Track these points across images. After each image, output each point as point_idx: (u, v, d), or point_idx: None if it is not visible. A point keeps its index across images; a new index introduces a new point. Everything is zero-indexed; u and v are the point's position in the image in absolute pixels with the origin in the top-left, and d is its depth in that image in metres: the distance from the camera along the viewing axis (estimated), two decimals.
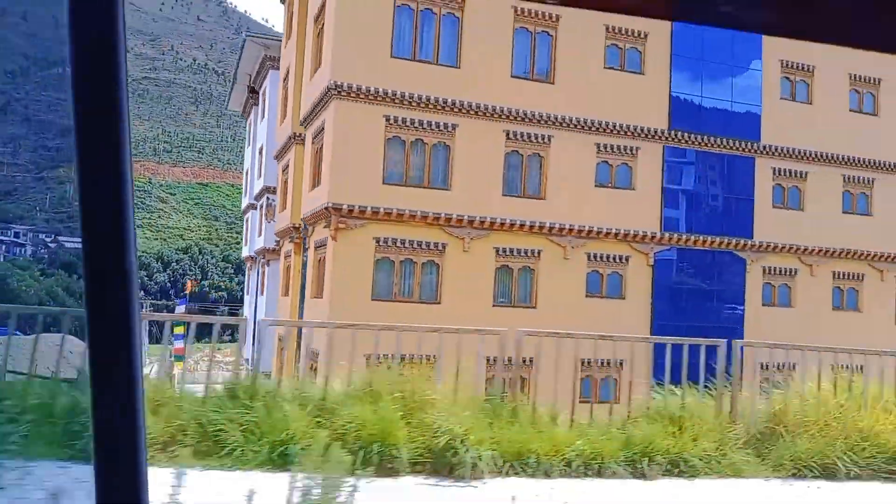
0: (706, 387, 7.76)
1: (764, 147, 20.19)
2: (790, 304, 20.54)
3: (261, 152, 28.74)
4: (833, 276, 21.11)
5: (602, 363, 12.46)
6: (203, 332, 9.55)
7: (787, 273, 20.58)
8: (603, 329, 18.08)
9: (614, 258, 18.85)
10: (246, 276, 38.74)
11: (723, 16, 0.79)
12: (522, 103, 17.77)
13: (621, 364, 9.32)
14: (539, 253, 18.12)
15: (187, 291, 45.82)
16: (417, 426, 6.31)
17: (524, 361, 7.92)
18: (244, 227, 37.25)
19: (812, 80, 21.03)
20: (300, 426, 6.01)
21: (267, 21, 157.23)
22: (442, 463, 6.12)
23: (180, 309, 34.82)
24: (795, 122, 20.58)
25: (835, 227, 20.88)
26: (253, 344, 19.89)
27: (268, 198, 26.59)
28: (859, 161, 21.36)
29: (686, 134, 19.36)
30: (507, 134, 17.81)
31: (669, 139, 19.25)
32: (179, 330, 13.58)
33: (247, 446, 5.83)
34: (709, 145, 19.66)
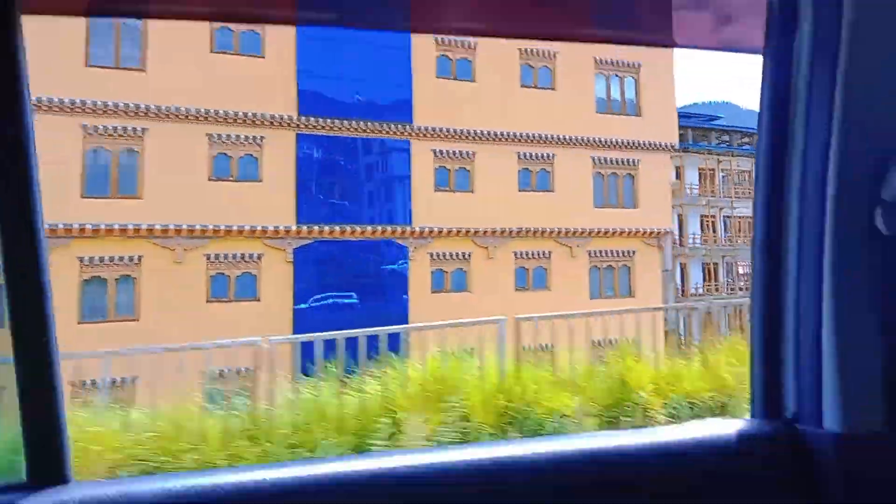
0: None
1: (419, 129, 19.02)
2: (467, 289, 19.19)
3: None
4: (515, 256, 19.98)
5: (220, 373, 10.69)
6: None
7: (460, 257, 19.28)
8: (233, 334, 15.72)
9: (242, 257, 17.00)
10: None
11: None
12: (105, 94, 15.87)
13: (246, 371, 8.04)
14: (140, 259, 16.05)
15: None
16: None
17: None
18: None
19: (475, 56, 20.19)
20: None
21: None
22: None
23: None
24: (457, 101, 19.54)
25: (513, 206, 19.82)
26: None
27: None
28: (536, 137, 20.53)
29: (321, 119, 17.94)
30: (86, 129, 15.84)
31: (301, 126, 17.78)
32: None
33: None
34: (350, 130, 18.30)
